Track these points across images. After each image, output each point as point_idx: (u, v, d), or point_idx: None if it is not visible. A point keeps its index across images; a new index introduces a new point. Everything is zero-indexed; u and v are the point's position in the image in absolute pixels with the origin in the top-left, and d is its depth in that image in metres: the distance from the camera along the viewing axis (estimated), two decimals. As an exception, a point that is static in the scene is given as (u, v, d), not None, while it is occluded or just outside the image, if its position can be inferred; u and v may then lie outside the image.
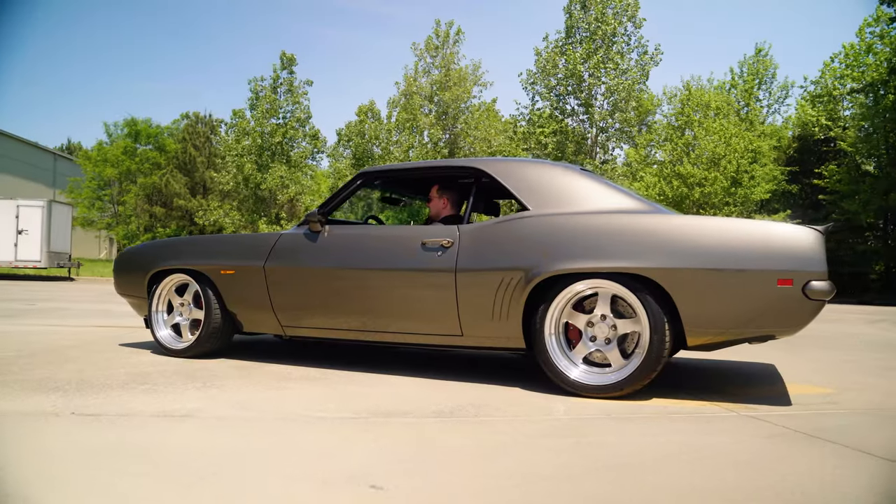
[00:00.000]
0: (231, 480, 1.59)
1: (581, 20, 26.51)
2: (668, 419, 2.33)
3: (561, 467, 1.74)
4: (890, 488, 1.57)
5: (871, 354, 4.60)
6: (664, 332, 2.56)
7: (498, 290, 2.85)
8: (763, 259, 2.46)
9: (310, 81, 34.11)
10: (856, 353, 4.69)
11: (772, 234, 2.53)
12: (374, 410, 2.41)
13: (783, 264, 2.44)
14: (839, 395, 2.86)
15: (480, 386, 2.95)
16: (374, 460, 1.79)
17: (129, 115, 33.80)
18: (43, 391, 2.59)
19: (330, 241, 3.34)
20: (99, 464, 1.71)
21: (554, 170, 3.10)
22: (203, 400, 2.54)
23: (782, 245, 2.47)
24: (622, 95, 25.47)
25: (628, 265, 2.62)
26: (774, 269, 2.44)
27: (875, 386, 3.19)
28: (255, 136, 30.44)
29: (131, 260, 4.06)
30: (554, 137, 26.79)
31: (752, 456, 1.84)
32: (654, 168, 23.02)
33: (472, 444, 1.95)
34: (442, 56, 31.24)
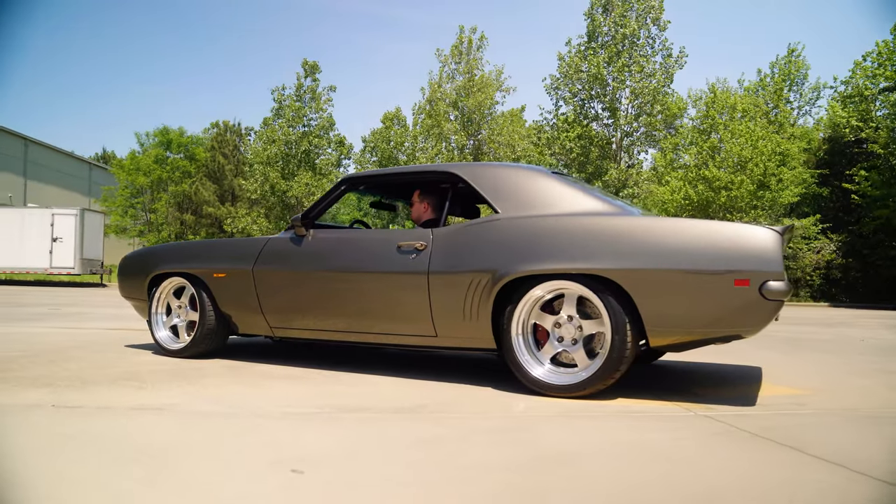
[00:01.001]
0: (166, 464, 1.71)
1: (603, 24, 26.41)
2: (623, 417, 2.37)
3: (489, 458, 1.80)
4: (801, 484, 1.59)
5: (871, 357, 4.53)
6: (625, 333, 2.60)
7: (467, 292, 2.92)
8: (720, 260, 2.49)
9: (333, 87, 34.59)
10: (855, 356, 4.63)
11: (730, 234, 2.55)
12: (340, 407, 2.51)
13: (740, 265, 2.46)
14: (811, 396, 2.85)
15: (455, 385, 3.02)
16: (313, 450, 1.88)
17: (161, 125, 34.67)
18: (35, 386, 2.75)
19: (313, 245, 3.46)
20: (52, 448, 1.84)
21: (524, 173, 3.17)
22: (183, 395, 2.66)
23: (739, 246, 2.50)
24: (646, 99, 25.28)
25: (590, 266, 2.67)
26: (731, 269, 2.46)
27: (855, 388, 3.17)
28: (279, 143, 30.96)
29: (133, 264, 4.23)
30: (579, 142, 26.71)
31: (683, 452, 1.89)
32: (680, 172, 22.74)
33: (414, 438, 2.03)
34: (466, 62, 31.38)
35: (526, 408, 2.53)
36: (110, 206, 32.35)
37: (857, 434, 2.15)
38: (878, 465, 1.70)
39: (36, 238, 19.59)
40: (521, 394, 2.79)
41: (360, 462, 1.76)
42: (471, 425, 2.22)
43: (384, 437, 2.05)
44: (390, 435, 2.07)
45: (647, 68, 25.58)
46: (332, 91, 34.43)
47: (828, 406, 2.62)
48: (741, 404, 2.62)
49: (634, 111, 26.16)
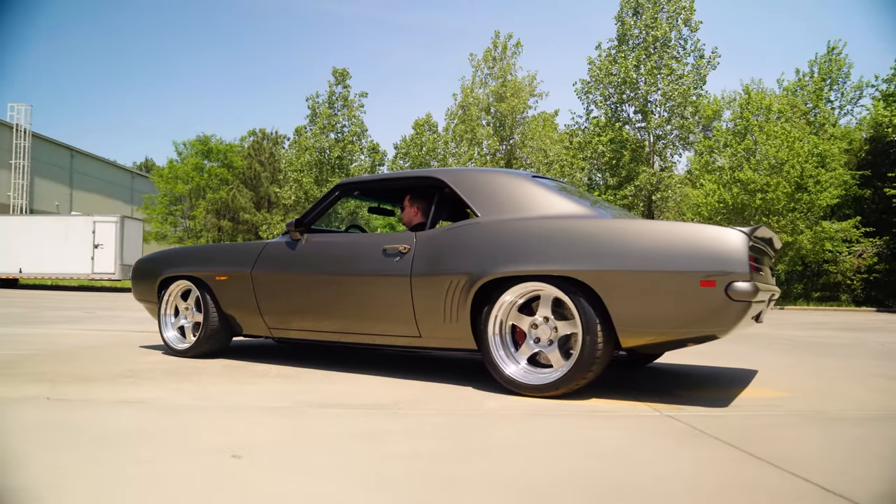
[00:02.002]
0: (117, 446, 1.85)
1: (633, 26, 26.15)
2: (585, 417, 2.40)
3: (422, 449, 1.87)
4: (728, 481, 1.61)
5: (878, 362, 4.43)
6: (596, 334, 2.63)
7: (447, 294, 2.99)
8: (687, 261, 2.50)
9: (364, 94, 35.07)
10: (864, 360, 4.52)
11: (697, 235, 2.56)
12: (312, 402, 2.60)
13: (706, 266, 2.47)
14: (791, 398, 2.82)
15: (438, 385, 3.09)
16: (263, 439, 1.99)
17: (200, 133, 35.64)
18: (38, 381, 2.92)
19: (306, 249, 3.58)
20: (25, 433, 2.00)
21: (504, 178, 3.22)
22: (170, 391, 2.79)
23: (706, 247, 2.50)
24: (678, 101, 24.91)
25: (561, 268, 2.71)
26: (697, 270, 2.47)
27: (842, 391, 3.11)
28: (312, 151, 31.50)
29: (144, 268, 4.42)
30: (611, 146, 26.48)
31: (623, 449, 1.91)
32: (714, 175, 22.32)
33: (363, 431, 2.11)
34: (499, 67, 31.42)
35: (494, 406, 2.58)
36: (151, 213, 33.39)
37: (814, 436, 2.13)
38: (820, 469, 1.69)
39: (79, 245, 20.34)
40: (499, 394, 2.84)
41: (297, 450, 1.87)
42: (427, 421, 2.29)
43: (334, 429, 2.14)
44: (341, 428, 2.16)
45: (678, 70, 25.21)
46: (364, 97, 34.96)
47: (801, 408, 2.59)
48: (714, 406, 2.62)
49: (666, 114, 25.80)
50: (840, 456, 1.84)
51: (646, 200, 26.04)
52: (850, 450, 1.93)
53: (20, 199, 28.69)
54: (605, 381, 3.32)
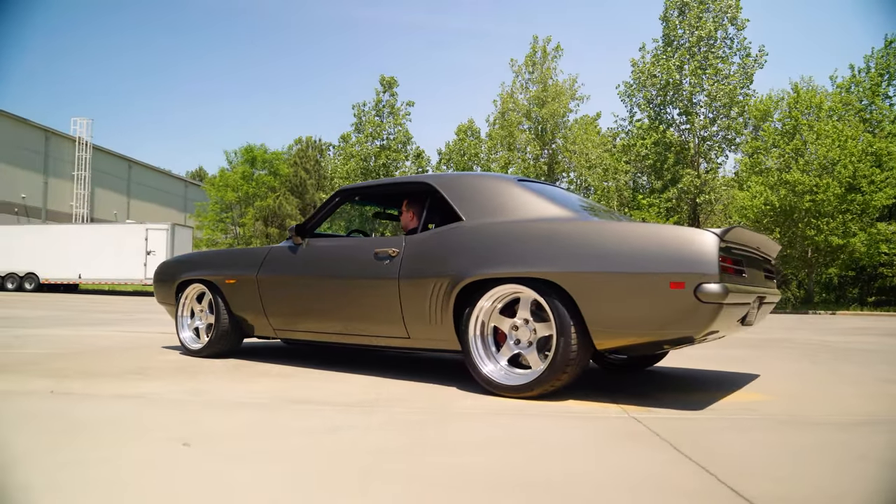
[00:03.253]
0: (83, 432, 2.02)
1: (678, 27, 25.68)
2: (551, 417, 2.43)
3: (370, 444, 1.95)
4: (652, 479, 1.63)
5: (892, 367, 4.28)
6: (570, 336, 2.65)
7: (431, 296, 3.07)
8: (657, 262, 2.51)
9: (411, 102, 35.53)
10: (879, 365, 4.37)
11: (667, 237, 2.56)
12: (295, 399, 2.72)
13: (675, 267, 2.46)
14: (771, 403, 2.78)
15: (424, 385, 3.16)
16: (220, 430, 2.12)
17: (247, 142, 36.73)
18: (48, 377, 3.14)
19: (307, 253, 3.71)
20: (17, 421, 2.18)
21: (489, 182, 3.28)
22: (169, 387, 2.96)
23: (676, 248, 2.50)
24: (724, 101, 24.32)
25: (537, 271, 2.75)
26: (667, 271, 2.47)
27: (831, 395, 3.04)
28: (357, 158, 32.04)
29: (164, 272, 4.64)
30: (654, 148, 26.05)
31: (567, 447, 1.96)
32: (761, 177, 21.67)
33: (325, 426, 2.20)
34: (539, 72, 31.32)
35: (468, 405, 2.64)
36: (203, 220, 34.58)
37: (767, 441, 2.09)
38: (744, 473, 1.67)
39: (132, 251, 21.27)
40: (478, 394, 2.89)
41: (249, 441, 1.98)
42: (396, 418, 2.36)
43: (302, 424, 2.25)
44: (309, 423, 2.26)
45: (724, 70, 24.62)
46: (410, 106, 35.43)
47: (775, 413, 2.55)
48: (689, 409, 2.61)
49: (711, 115, 25.22)
50: (779, 461, 1.82)
51: (690, 204, 25.46)
52: (795, 454, 1.90)
53: (81, 209, 30.16)
54: (592, 383, 3.34)
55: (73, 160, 30.39)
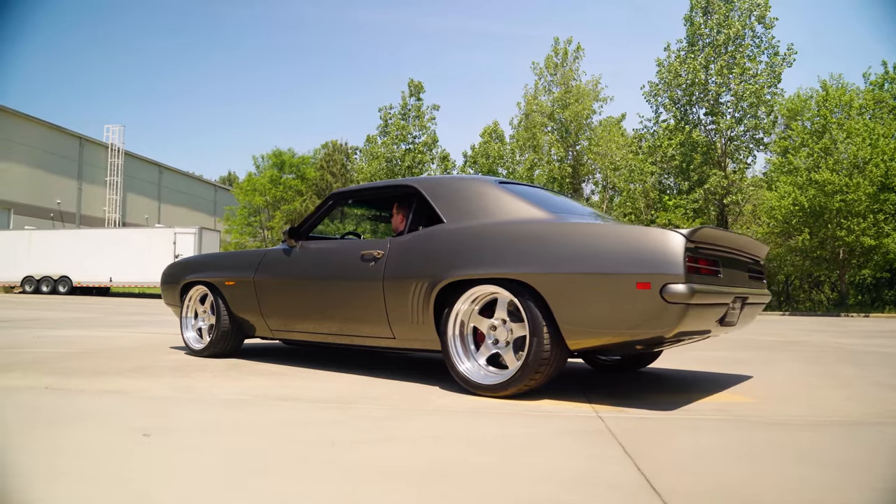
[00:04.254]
0: (56, 423, 2.15)
1: (703, 26, 25.31)
2: (516, 416, 2.46)
3: (341, 437, 2.02)
4: (580, 474, 1.66)
5: (892, 371, 4.19)
6: (542, 336, 2.69)
7: (412, 297, 3.13)
8: (624, 263, 2.52)
9: (437, 106, 35.70)
10: (880, 368, 4.28)
11: (636, 238, 2.58)
12: (271, 396, 2.81)
13: (642, 268, 2.48)
14: (747, 405, 2.76)
15: (409, 384, 3.22)
16: (184, 423, 2.23)
17: (275, 147, 37.29)
18: (53, 374, 3.28)
19: (300, 256, 3.81)
20: (5, 414, 2.31)
21: (470, 184, 3.33)
22: (159, 384, 3.07)
23: (643, 249, 2.52)
24: (751, 101, 23.88)
25: (511, 272, 2.79)
26: (633, 272, 2.49)
27: (813, 398, 3.00)
28: (381, 160, 32.29)
29: (170, 274, 4.79)
30: (680, 149, 25.71)
31: (512, 443, 2.01)
32: (789, 176, 21.23)
33: (284, 420, 2.30)
34: (562, 74, 31.18)
35: (443, 403, 2.69)
36: (232, 224, 35.20)
37: (718, 441, 2.09)
38: (678, 471, 1.70)
39: (161, 255, 21.77)
40: (459, 394, 2.94)
41: (209, 433, 2.09)
42: (367, 414, 2.44)
43: (269, 419, 2.34)
44: (278, 418, 2.36)
45: (751, 69, 24.17)
46: (436, 110, 35.61)
47: (745, 414, 2.54)
48: (660, 409, 2.62)
49: (739, 114, 24.78)
50: (714, 459, 1.83)
51: (717, 205, 25.05)
52: (734, 454, 1.90)
53: (114, 213, 31.00)
54: (577, 383, 3.37)
55: (105, 166, 31.28)
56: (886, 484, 1.61)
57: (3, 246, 23.79)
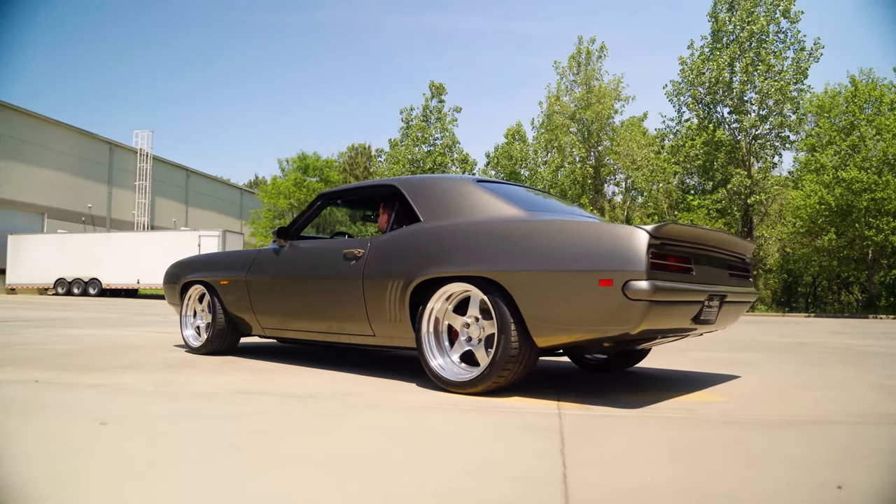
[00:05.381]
0: (28, 411, 2.26)
1: (728, 22, 24.92)
2: (476, 411, 2.49)
3: (282, 428, 2.10)
4: (496, 469, 1.69)
5: (891, 371, 4.10)
6: (510, 333, 2.71)
7: (389, 295, 3.17)
8: (588, 260, 2.53)
9: (458, 108, 35.81)
10: (876, 369, 4.19)
11: (600, 235, 2.58)
12: (250, 391, 2.88)
13: (605, 264, 2.48)
14: (717, 404, 2.74)
15: (387, 381, 3.27)
16: (144, 413, 2.34)
17: (299, 151, 37.75)
18: (50, 370, 3.41)
19: (288, 255, 3.88)
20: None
21: (447, 183, 3.37)
22: (145, 379, 3.17)
23: (606, 246, 2.52)
24: (776, 98, 23.43)
25: (480, 269, 2.81)
26: (596, 269, 2.49)
27: (789, 398, 2.96)
28: (404, 162, 32.47)
29: (171, 274, 4.92)
30: (704, 148, 25.33)
31: (451, 437, 2.06)
32: (815, 175, 20.77)
33: (256, 411, 2.36)
34: (584, 73, 30.98)
35: (409, 399, 2.74)
36: (257, 227, 35.72)
37: (659, 438, 2.09)
38: (606, 465, 1.72)
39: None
40: (432, 390, 2.97)
41: (162, 422, 2.19)
42: (318, 408, 2.52)
43: (219, 410, 2.44)
44: (225, 410, 2.46)
45: (776, 66, 23.71)
46: (458, 112, 35.72)
47: (709, 413, 2.52)
48: (626, 407, 2.62)
49: (764, 112, 24.32)
50: (640, 454, 1.84)
51: (742, 205, 24.62)
52: (665, 450, 1.91)
53: (143, 217, 31.72)
54: (555, 381, 3.39)
55: (135, 171, 32.03)
56: (820, 479, 1.60)
57: (38, 249, 24.53)
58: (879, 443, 2.12)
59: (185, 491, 1.45)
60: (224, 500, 1.40)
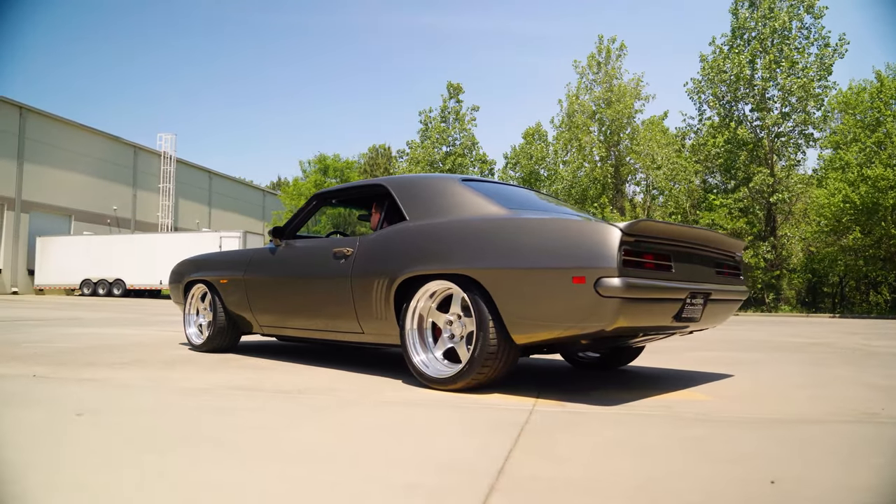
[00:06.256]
0: (16, 405, 2.32)
1: (749, 19, 24.55)
2: (451, 407, 2.51)
3: (259, 422, 2.13)
4: (446, 461, 1.71)
5: (887, 371, 4.02)
6: (488, 330, 2.72)
7: (375, 293, 3.21)
8: (561, 257, 2.54)
9: (476, 108, 35.83)
10: (877, 369, 4.11)
11: (572, 232, 2.59)
12: (236, 387, 2.94)
13: (577, 262, 2.48)
14: (698, 403, 2.72)
15: (375, 378, 3.31)
16: (122, 406, 2.40)
17: (318, 153, 38.09)
18: (48, 365, 3.51)
19: (283, 254, 3.95)
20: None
21: (433, 182, 3.39)
22: (139, 375, 3.25)
23: (579, 243, 2.52)
24: (799, 95, 23.00)
25: (460, 267, 2.84)
26: (569, 266, 2.50)
27: (774, 398, 2.92)
28: (423, 164, 32.56)
29: (175, 274, 5.02)
30: (725, 146, 24.98)
31: (412, 433, 2.09)
32: (839, 173, 20.36)
33: (236, 407, 2.42)
34: (604, 72, 30.77)
35: (390, 396, 2.77)
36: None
37: (619, 432, 2.11)
38: (552, 458, 1.73)
39: (207, 258, 22.52)
40: (415, 387, 3.00)
41: (141, 414, 2.27)
42: (293, 403, 2.57)
43: (199, 404, 2.50)
44: (216, 404, 2.50)
45: (799, 62, 23.28)
46: (475, 111, 35.74)
47: (684, 412, 2.50)
48: (602, 404, 2.61)
49: (787, 109, 23.89)
50: (609, 452, 1.83)
51: (764, 203, 24.21)
52: (635, 448, 1.90)
53: (166, 219, 32.26)
54: (539, 379, 3.40)
55: (158, 173, 32.60)
56: (761, 475, 1.59)
57: (64, 251, 25.10)
58: (848, 440, 2.09)
59: (128, 476, 1.51)
60: (173, 486, 1.44)
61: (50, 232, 26.28)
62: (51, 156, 26.87)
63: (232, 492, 1.42)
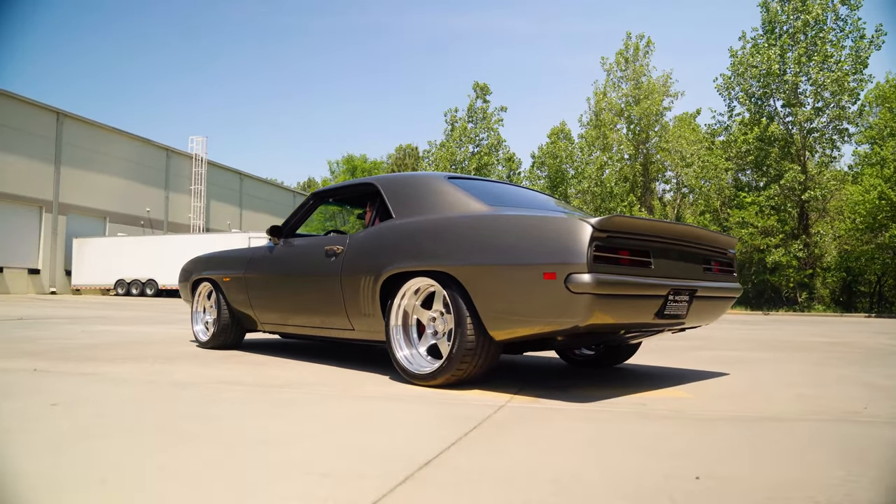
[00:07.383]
0: (14, 397, 2.39)
1: (780, 12, 24.00)
2: (425, 402, 2.55)
3: (237, 412, 2.19)
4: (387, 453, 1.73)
5: (887, 370, 3.91)
6: (466, 327, 2.74)
7: (362, 290, 3.26)
8: (533, 254, 2.54)
9: (504, 108, 35.76)
10: (879, 368, 4.01)
11: (546, 228, 2.59)
12: (226, 381, 3.02)
13: (549, 258, 2.49)
14: (678, 401, 2.70)
15: (365, 373, 3.36)
16: (102, 398, 2.47)
17: (346, 153, 38.45)
18: (52, 360, 3.65)
19: (280, 253, 4.03)
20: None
21: (419, 180, 3.42)
22: (135, 369, 3.35)
23: (551, 239, 2.52)
24: (832, 89, 22.40)
25: (439, 265, 2.86)
26: (540, 262, 2.50)
27: (760, 397, 2.88)
28: (445, 163, 32.65)
29: (184, 272, 5.15)
30: (756, 143, 24.48)
31: (371, 426, 2.13)
32: (873, 168, 19.79)
33: (215, 399, 2.49)
34: (632, 69, 30.42)
35: (371, 391, 2.81)
36: (309, 229, 36.57)
37: (577, 427, 2.11)
38: (496, 451, 1.75)
39: (236, 258, 22.89)
40: (400, 383, 3.04)
41: (120, 405, 2.35)
42: (273, 397, 2.62)
43: (187, 396, 2.56)
44: (189, 395, 2.58)
45: (833, 55, 22.66)
46: (503, 111, 35.69)
47: (660, 409, 2.48)
48: (579, 401, 2.62)
49: (819, 104, 23.28)
50: (558, 447, 1.85)
51: (796, 201, 23.63)
52: (587, 443, 1.92)
53: (198, 220, 32.93)
54: (524, 375, 3.40)
55: (190, 175, 33.30)
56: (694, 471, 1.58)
57: (99, 252, 25.82)
58: (806, 438, 2.06)
59: (64, 462, 1.58)
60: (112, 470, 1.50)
61: (86, 233, 27.06)
62: (86, 159, 27.67)
63: (139, 470, 1.50)
